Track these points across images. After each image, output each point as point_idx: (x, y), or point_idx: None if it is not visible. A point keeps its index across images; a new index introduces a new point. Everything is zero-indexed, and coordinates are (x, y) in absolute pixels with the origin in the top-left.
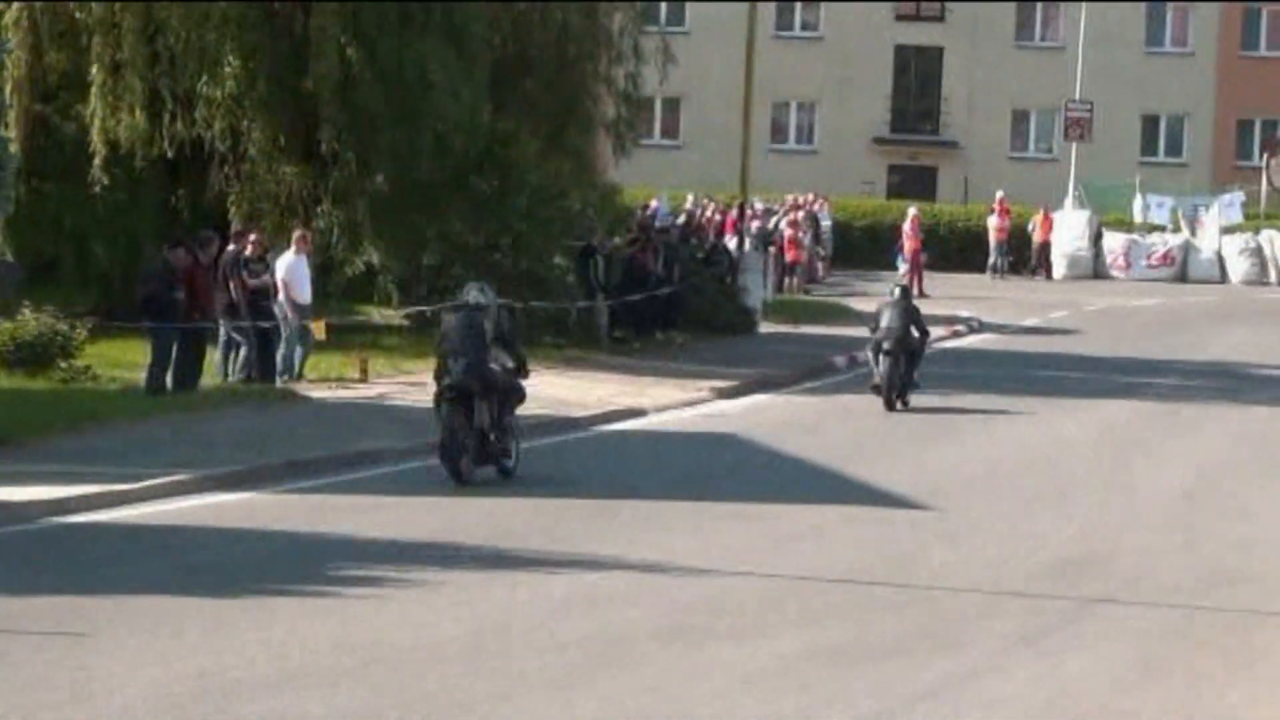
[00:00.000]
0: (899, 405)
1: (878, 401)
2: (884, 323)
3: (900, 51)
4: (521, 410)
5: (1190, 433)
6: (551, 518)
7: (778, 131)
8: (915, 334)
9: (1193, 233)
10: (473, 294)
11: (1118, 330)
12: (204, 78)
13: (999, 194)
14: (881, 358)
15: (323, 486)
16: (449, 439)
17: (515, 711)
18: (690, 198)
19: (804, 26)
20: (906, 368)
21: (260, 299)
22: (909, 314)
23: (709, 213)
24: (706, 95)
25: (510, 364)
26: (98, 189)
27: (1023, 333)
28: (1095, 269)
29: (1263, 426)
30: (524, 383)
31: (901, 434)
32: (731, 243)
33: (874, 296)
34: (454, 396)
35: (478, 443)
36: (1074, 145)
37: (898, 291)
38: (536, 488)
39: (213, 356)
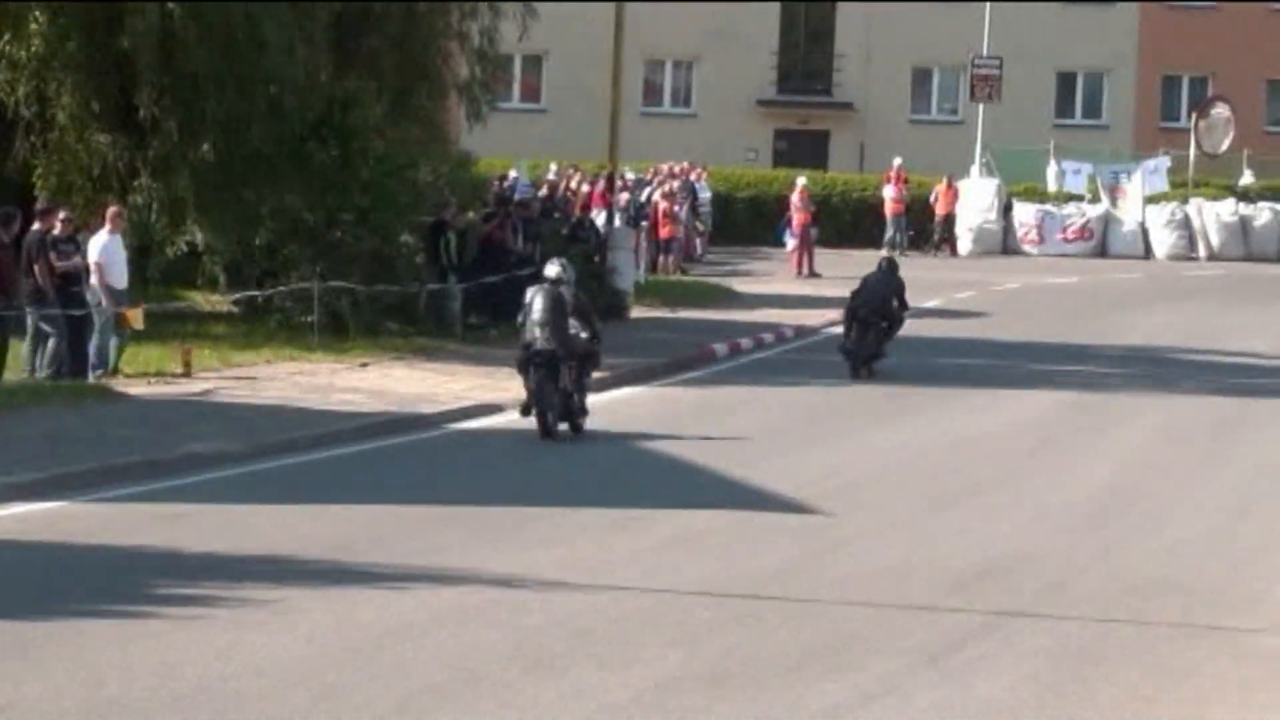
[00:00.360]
0: (864, 373)
1: (762, 393)
2: (865, 288)
3: (788, 3)
4: (364, 407)
5: (1112, 426)
6: (398, 527)
7: (651, 93)
8: (895, 305)
9: (1113, 203)
10: (554, 269)
11: (1031, 312)
12: (6, 36)
13: (895, 161)
14: (855, 324)
15: (140, 494)
16: (538, 398)
17: None
18: (553, 167)
19: None
20: (878, 338)
21: (70, 284)
22: (892, 287)
23: (574, 184)
24: (571, 53)
25: (585, 334)
26: None
27: (924, 316)
28: (1005, 244)
29: (1192, 418)
30: (369, 374)
31: (790, 431)
32: (599, 218)
33: (759, 277)
34: (541, 361)
35: (562, 401)
36: (981, 106)
37: (885, 264)
38: (382, 494)
39: (19, 349)
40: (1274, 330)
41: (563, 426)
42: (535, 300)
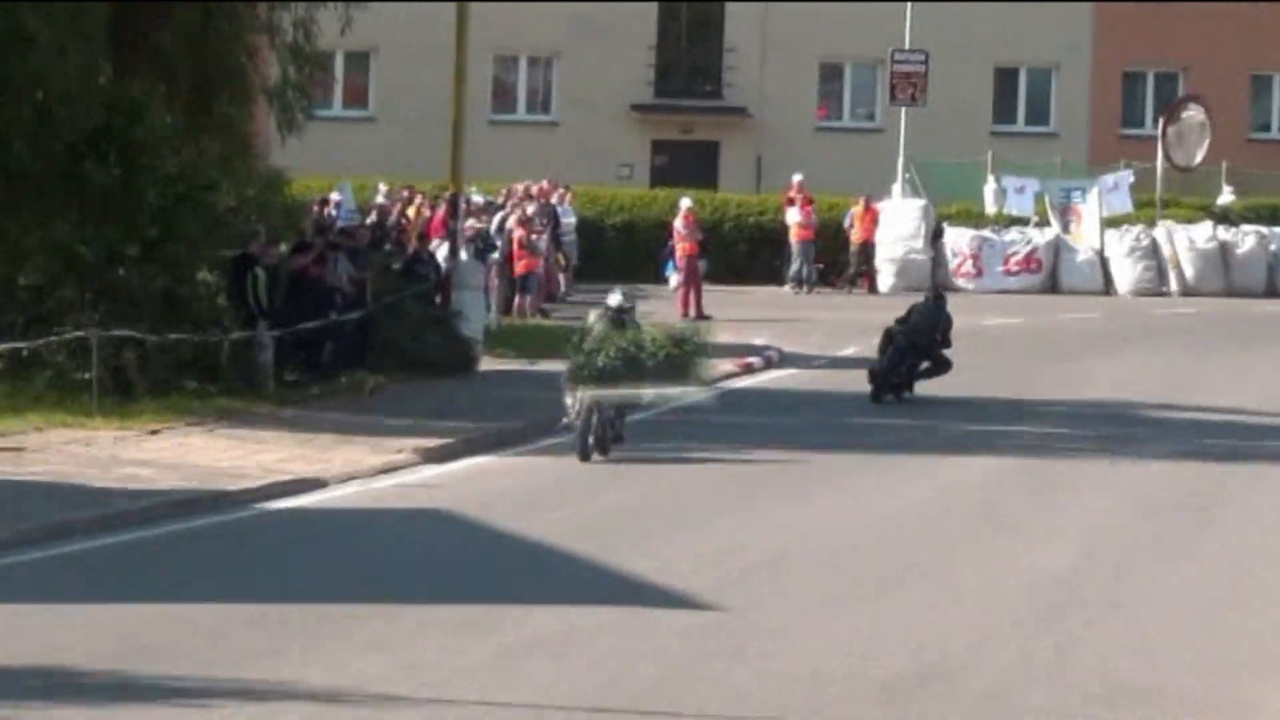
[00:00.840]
0: (888, 398)
1: (642, 461)
2: (911, 317)
3: None
4: (155, 484)
5: (1066, 498)
6: (197, 630)
7: (502, 96)
8: (936, 342)
9: (1065, 227)
10: (616, 299)
11: (967, 361)
12: None
13: (797, 178)
14: (891, 349)
15: None
16: (592, 422)
17: None
18: (382, 188)
19: None
20: (910, 367)
21: None
22: (938, 323)
23: (409, 209)
24: (405, 48)
25: None
26: None
27: (837, 366)
28: (935, 278)
29: (1163, 489)
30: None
31: (680, 506)
32: (440, 249)
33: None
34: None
35: (617, 418)
36: (903, 111)
37: (931, 296)
38: (177, 589)
39: None
40: (1261, 380)
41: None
42: (596, 328)
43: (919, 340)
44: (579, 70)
